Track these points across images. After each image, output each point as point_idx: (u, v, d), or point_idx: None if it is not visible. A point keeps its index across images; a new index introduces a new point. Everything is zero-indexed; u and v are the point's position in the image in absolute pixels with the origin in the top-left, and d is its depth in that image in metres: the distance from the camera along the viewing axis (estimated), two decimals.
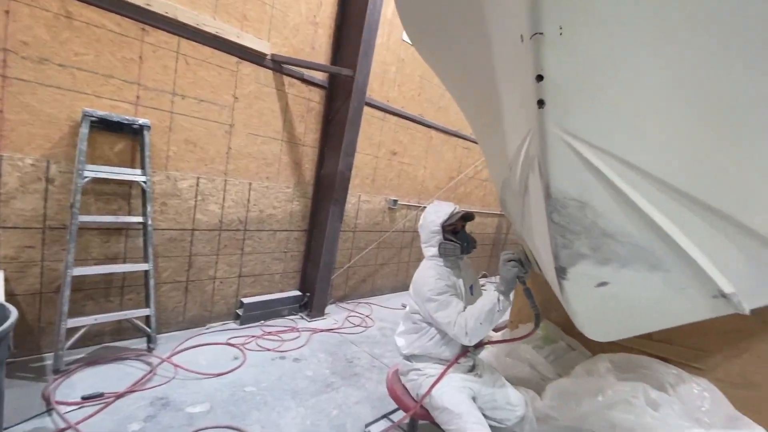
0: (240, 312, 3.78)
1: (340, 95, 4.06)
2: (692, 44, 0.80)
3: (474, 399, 1.99)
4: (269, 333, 3.69)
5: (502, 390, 2.11)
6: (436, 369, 2.03)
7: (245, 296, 3.90)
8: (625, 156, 0.96)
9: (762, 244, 1.32)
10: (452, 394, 1.90)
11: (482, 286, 2.59)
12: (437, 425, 2.34)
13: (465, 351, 2.08)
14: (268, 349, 3.38)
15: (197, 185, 3.33)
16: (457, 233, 2.17)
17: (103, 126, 2.70)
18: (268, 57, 3.55)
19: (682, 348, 2.64)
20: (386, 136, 4.98)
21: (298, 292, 4.32)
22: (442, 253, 2.08)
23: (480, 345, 2.17)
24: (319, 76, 4.04)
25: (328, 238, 4.13)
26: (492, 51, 1.07)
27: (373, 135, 4.79)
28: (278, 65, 3.64)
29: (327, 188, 4.18)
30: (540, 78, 0.83)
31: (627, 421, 1.97)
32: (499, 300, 1.83)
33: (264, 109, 3.66)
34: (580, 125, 0.89)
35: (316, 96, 4.07)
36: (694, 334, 2.47)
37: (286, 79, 3.76)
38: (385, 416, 2.56)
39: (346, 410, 2.68)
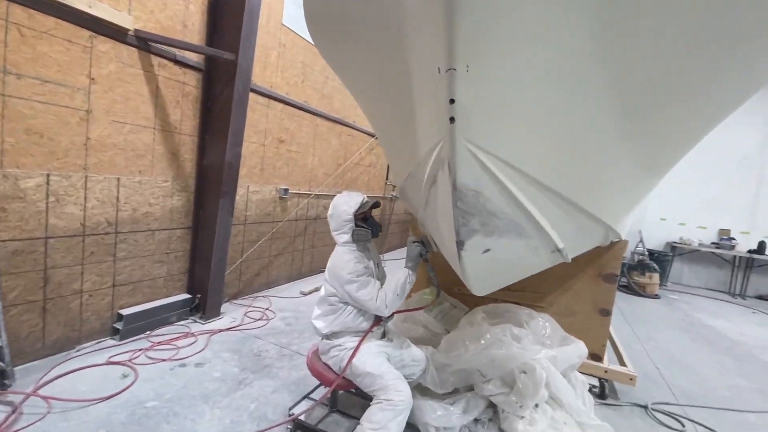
0: (119, 326, 3.32)
1: (220, 80, 3.81)
2: (547, 89, 1.17)
3: (388, 360, 2.29)
4: (160, 343, 3.37)
5: (408, 350, 2.48)
6: (354, 341, 2.26)
7: (124, 308, 3.43)
8: (505, 158, 1.31)
9: (580, 213, 1.90)
10: (372, 359, 2.17)
11: None
12: (357, 394, 2.59)
13: (378, 320, 2.34)
14: (164, 360, 3.11)
15: (47, 184, 2.77)
16: (366, 220, 2.37)
17: None
18: (131, 33, 3.09)
19: (530, 293, 3.46)
20: (272, 123, 4.85)
21: (188, 295, 3.99)
22: (356, 239, 2.27)
23: (391, 315, 2.48)
24: (194, 58, 3.69)
25: (219, 234, 3.91)
26: (411, 73, 1.28)
27: (258, 122, 4.62)
28: (145, 43, 3.20)
29: (212, 180, 3.91)
30: (452, 101, 1.09)
31: (501, 355, 2.54)
32: (408, 275, 2.16)
33: (130, 93, 3.20)
34: (478, 136, 1.20)
35: (192, 79, 3.72)
36: (537, 282, 3.27)
37: (156, 60, 3.34)
38: (305, 397, 2.69)
39: (264, 401, 2.71)
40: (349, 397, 2.77)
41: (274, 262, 5.38)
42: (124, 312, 3.37)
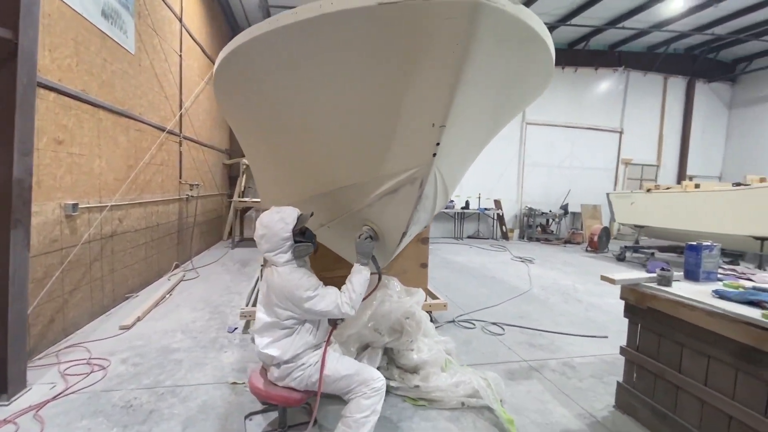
0: None
1: None
2: (468, 134, 1.98)
3: None
4: None
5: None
6: (316, 355, 2.28)
7: None
8: (442, 172, 2.05)
9: (447, 196, 2.87)
10: (341, 363, 2.28)
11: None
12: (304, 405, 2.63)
13: (335, 325, 2.37)
14: None
15: None
16: (304, 233, 2.30)
17: None
18: None
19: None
20: (46, 119, 3.67)
21: None
22: (297, 255, 2.22)
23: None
24: None
25: (15, 276, 2.83)
26: (396, 124, 1.77)
27: None
28: None
29: None
30: (437, 144, 1.72)
31: (387, 309, 3.30)
32: (366, 271, 2.29)
33: None
34: (441, 164, 1.89)
35: None
36: None
37: None
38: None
39: None
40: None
41: (70, 300, 4.15)
42: None
